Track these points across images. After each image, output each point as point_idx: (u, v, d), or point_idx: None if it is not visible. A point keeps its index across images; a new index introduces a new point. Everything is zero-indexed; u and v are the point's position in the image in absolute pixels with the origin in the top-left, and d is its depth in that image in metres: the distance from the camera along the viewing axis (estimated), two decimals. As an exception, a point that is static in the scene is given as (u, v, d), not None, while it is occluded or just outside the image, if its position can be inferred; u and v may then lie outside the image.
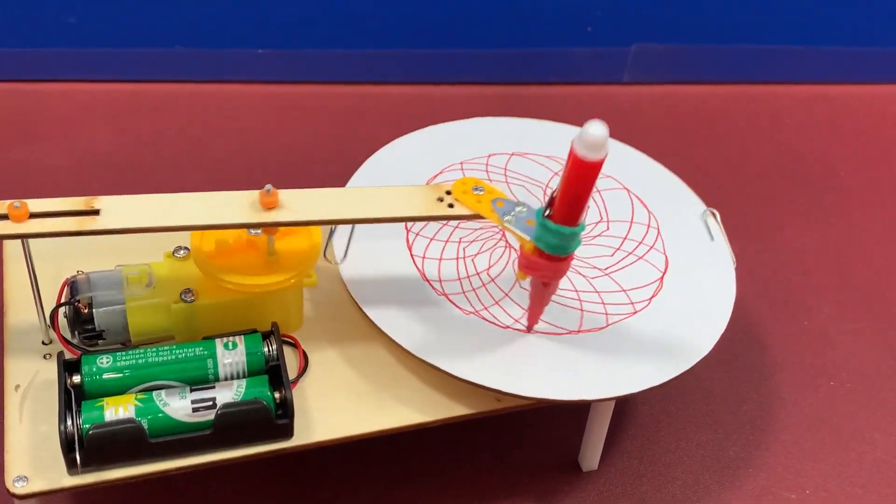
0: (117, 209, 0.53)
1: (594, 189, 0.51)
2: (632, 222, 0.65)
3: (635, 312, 0.60)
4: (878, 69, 1.02)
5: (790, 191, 0.89)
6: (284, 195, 0.54)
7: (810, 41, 0.98)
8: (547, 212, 0.52)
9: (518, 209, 0.54)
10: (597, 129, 0.47)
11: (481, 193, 0.55)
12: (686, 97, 0.98)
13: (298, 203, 0.54)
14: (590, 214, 0.65)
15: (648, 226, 0.65)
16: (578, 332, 0.58)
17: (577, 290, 0.61)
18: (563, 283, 0.60)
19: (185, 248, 0.58)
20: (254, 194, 0.54)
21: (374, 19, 0.93)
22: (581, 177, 0.49)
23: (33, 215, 0.52)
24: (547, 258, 0.53)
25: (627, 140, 0.72)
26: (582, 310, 0.59)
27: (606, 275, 0.62)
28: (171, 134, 0.89)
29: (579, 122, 0.73)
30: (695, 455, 0.67)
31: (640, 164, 0.70)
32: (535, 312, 0.58)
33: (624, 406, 0.69)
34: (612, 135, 0.71)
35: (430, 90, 0.96)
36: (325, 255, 0.60)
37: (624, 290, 0.61)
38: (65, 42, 0.91)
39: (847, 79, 1.01)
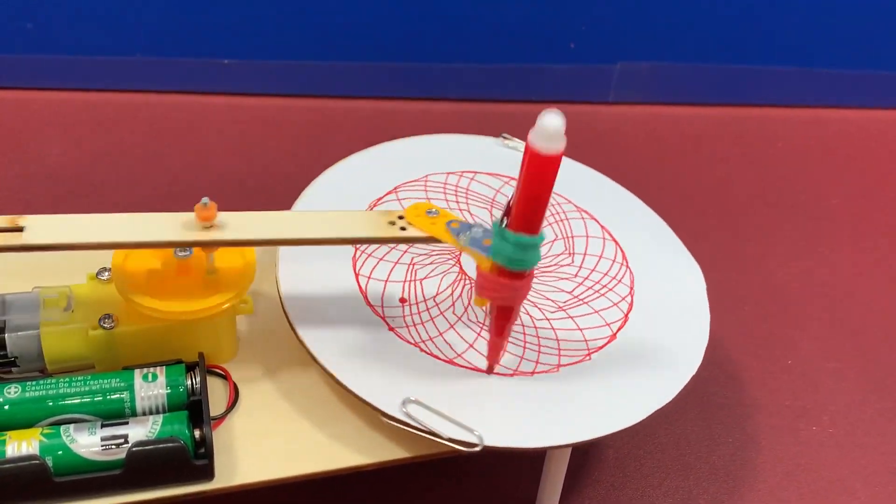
0: (43, 226, 0.49)
1: (551, 201, 0.46)
2: (590, 254, 0.61)
3: (592, 351, 0.55)
4: (874, 93, 0.97)
5: (777, 219, 0.84)
6: (225, 216, 0.51)
7: (803, 62, 0.94)
8: (504, 222, 0.48)
9: (474, 230, 0.51)
10: (553, 118, 0.43)
11: (435, 216, 0.52)
12: (672, 118, 0.94)
13: (240, 223, 0.51)
14: (553, 246, 0.61)
15: (614, 258, 0.61)
16: (534, 372, 0.54)
17: (536, 327, 0.56)
18: (522, 317, 0.56)
19: (110, 270, 0.54)
20: (189, 214, 0.50)
21: (346, 31, 0.89)
22: (540, 173, 0.45)
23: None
24: (506, 276, 0.48)
25: (608, 163, 0.68)
26: (540, 346, 0.55)
27: (569, 308, 0.57)
28: (128, 146, 0.85)
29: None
30: None
31: (610, 192, 0.66)
32: (495, 349, 0.53)
33: (588, 448, 0.65)
34: (593, 156, 0.68)
35: (404, 105, 0.92)
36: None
37: (581, 330, 0.57)
38: (20, 48, 0.87)
39: (841, 102, 0.97)
